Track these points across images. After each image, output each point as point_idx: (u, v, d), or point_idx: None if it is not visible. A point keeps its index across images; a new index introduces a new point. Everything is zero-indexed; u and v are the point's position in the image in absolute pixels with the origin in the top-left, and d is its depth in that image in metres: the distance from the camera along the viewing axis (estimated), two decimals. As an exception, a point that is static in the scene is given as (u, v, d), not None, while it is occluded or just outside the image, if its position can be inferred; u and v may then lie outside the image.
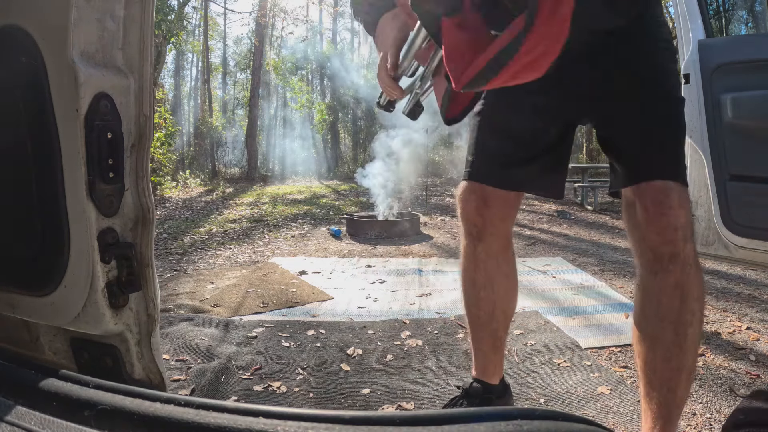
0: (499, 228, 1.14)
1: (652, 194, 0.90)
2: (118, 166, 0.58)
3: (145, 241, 0.61)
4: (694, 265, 0.92)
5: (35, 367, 0.47)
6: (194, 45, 17.34)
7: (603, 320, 2.14)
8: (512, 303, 1.21)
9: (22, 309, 0.63)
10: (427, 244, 4.38)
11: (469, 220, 1.14)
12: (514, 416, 0.31)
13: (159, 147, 8.37)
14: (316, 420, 0.33)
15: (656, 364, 0.94)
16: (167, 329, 1.98)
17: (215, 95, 19.50)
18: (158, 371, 0.64)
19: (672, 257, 0.89)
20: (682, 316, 0.90)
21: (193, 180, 11.42)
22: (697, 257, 0.94)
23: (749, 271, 2.98)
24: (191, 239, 4.73)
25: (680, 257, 0.89)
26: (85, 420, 0.38)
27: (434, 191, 9.01)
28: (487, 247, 1.14)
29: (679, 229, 0.89)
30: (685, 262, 0.90)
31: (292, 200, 8.14)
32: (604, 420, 1.32)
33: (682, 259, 0.90)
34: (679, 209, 0.89)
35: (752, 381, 1.53)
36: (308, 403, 1.45)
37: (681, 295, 0.90)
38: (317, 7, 18.72)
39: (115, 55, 0.58)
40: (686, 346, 0.91)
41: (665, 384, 0.93)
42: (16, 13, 0.56)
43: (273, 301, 2.49)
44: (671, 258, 0.90)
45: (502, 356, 1.24)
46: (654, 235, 0.90)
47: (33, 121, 0.57)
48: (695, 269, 0.92)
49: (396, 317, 2.23)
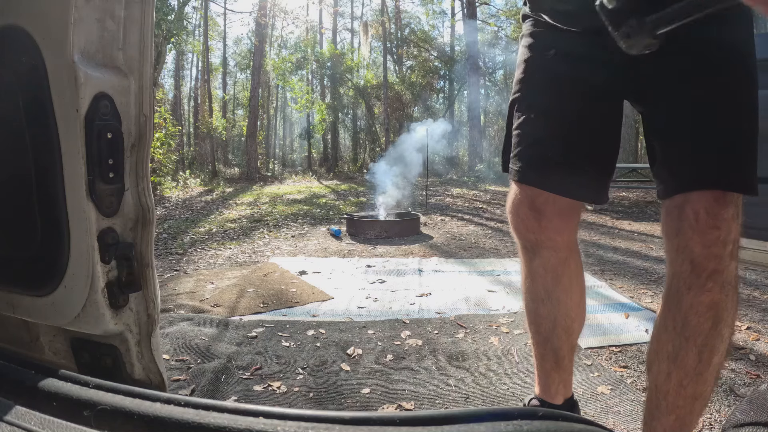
0: (556, 241, 0.99)
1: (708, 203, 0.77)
2: (118, 166, 0.58)
3: (145, 241, 0.61)
4: (734, 286, 0.81)
5: (35, 367, 0.47)
6: (194, 45, 17.33)
7: (603, 320, 2.14)
8: (577, 321, 1.06)
9: (22, 309, 0.63)
10: (427, 244, 4.38)
11: (520, 232, 1.01)
12: (514, 416, 0.31)
13: (159, 147, 8.37)
14: (316, 420, 0.33)
15: (669, 387, 0.83)
16: (167, 329, 1.98)
17: (215, 95, 19.50)
18: (158, 371, 0.64)
19: (712, 274, 0.78)
20: (710, 341, 0.80)
21: (193, 180, 11.43)
22: (738, 278, 0.82)
23: (749, 271, 2.98)
24: (191, 239, 4.73)
25: (722, 275, 0.79)
26: (85, 420, 0.38)
27: (434, 191, 9.02)
28: (545, 261, 1.01)
29: (729, 245, 0.78)
30: (726, 281, 0.79)
31: (292, 200, 8.14)
32: (604, 420, 1.32)
33: (724, 278, 0.79)
34: (733, 223, 0.78)
35: (752, 381, 1.53)
36: (308, 403, 1.45)
37: (714, 317, 0.79)
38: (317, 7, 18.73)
39: (115, 55, 0.58)
40: (707, 374, 0.81)
41: (674, 411, 0.83)
42: (16, 13, 0.56)
43: (273, 301, 2.49)
44: (712, 275, 0.78)
45: (569, 375, 1.11)
46: (699, 247, 0.78)
47: (33, 121, 0.57)
48: (734, 291, 0.81)
49: (396, 317, 2.23)
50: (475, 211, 6.91)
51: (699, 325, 0.80)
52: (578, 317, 1.07)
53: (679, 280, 0.82)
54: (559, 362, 1.07)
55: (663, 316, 0.86)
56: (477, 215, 6.45)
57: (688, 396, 0.82)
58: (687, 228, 0.79)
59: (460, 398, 1.46)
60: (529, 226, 0.98)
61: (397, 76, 17.27)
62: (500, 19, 17.53)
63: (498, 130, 18.24)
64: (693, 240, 0.78)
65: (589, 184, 0.96)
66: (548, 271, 1.01)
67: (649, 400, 0.89)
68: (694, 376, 0.81)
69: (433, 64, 17.50)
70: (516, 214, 1.00)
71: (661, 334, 0.86)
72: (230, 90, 22.64)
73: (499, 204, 7.49)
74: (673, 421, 0.83)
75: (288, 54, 17.73)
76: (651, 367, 0.88)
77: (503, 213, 6.64)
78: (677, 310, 0.82)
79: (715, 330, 0.80)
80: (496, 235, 4.94)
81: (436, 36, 18.96)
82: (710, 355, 0.80)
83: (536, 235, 0.98)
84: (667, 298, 0.86)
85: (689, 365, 0.81)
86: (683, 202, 0.80)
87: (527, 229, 0.99)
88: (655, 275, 3.03)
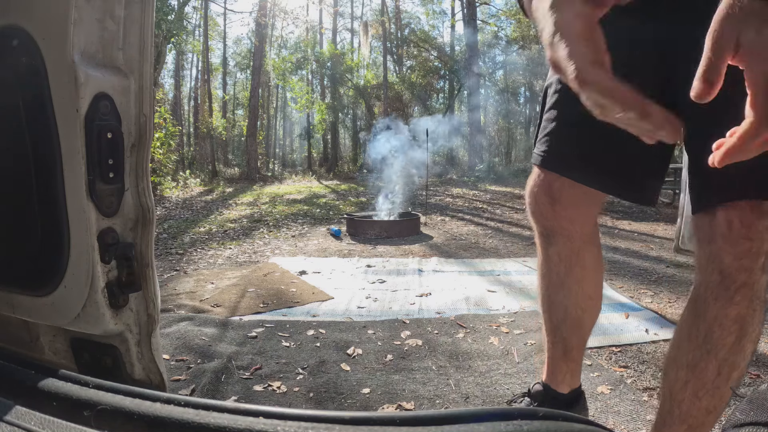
0: (569, 230, 0.98)
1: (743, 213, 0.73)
2: (118, 166, 0.58)
3: (145, 241, 0.61)
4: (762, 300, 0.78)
5: (35, 367, 0.47)
6: (194, 45, 17.33)
7: (603, 320, 2.13)
8: (588, 313, 1.05)
9: (22, 309, 0.63)
10: (427, 244, 4.38)
11: (536, 217, 1.00)
12: (515, 416, 0.31)
13: (159, 147, 8.37)
14: (316, 420, 0.33)
15: (684, 396, 0.81)
16: (167, 329, 1.98)
17: (215, 95, 19.51)
18: (158, 371, 0.64)
19: (742, 287, 0.75)
20: (733, 356, 0.77)
21: (193, 180, 11.43)
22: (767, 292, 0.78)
23: (749, 271, 2.98)
24: (191, 239, 4.73)
25: (752, 289, 0.75)
26: (85, 420, 0.38)
27: (434, 191, 9.02)
28: (559, 249, 1.00)
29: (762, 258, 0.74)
30: (755, 295, 0.76)
31: (292, 200, 8.15)
32: (604, 420, 1.32)
33: (753, 292, 0.75)
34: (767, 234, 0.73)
35: (752, 381, 1.53)
36: (308, 403, 1.45)
37: (739, 331, 0.77)
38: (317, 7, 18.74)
39: (115, 55, 0.58)
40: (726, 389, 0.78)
41: (686, 421, 0.81)
42: (16, 13, 0.56)
43: (273, 301, 2.49)
44: (741, 287, 0.75)
45: (577, 366, 1.11)
46: (730, 258, 0.75)
47: (33, 121, 0.57)
48: (761, 306, 0.78)
49: (396, 317, 2.23)
50: (475, 211, 6.91)
51: (722, 338, 0.77)
52: (589, 310, 1.06)
53: (706, 290, 0.79)
54: (568, 353, 1.07)
55: (686, 323, 0.83)
56: (477, 215, 6.45)
57: (702, 408, 0.80)
58: (719, 237, 0.75)
59: (460, 398, 1.46)
60: (544, 212, 0.98)
61: (397, 76, 17.27)
62: (500, 19, 17.52)
63: (498, 130, 18.25)
64: (724, 250, 0.75)
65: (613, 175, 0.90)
66: (562, 259, 1.01)
67: (662, 406, 0.87)
68: (712, 389, 0.78)
69: (433, 64, 17.50)
70: (533, 199, 0.99)
71: (682, 342, 0.83)
72: (230, 90, 22.64)
73: (499, 204, 7.50)
74: (684, 430, 0.82)
75: (288, 54, 17.74)
76: (668, 373, 0.86)
77: (503, 213, 6.65)
78: (702, 320, 0.79)
79: (739, 345, 0.77)
80: (496, 235, 4.94)
81: (436, 36, 18.98)
82: (730, 370, 0.78)
83: (550, 222, 0.98)
84: (691, 306, 0.83)
85: (708, 378, 0.78)
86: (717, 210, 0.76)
87: (542, 214, 0.98)
88: (655, 275, 3.03)
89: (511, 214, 6.55)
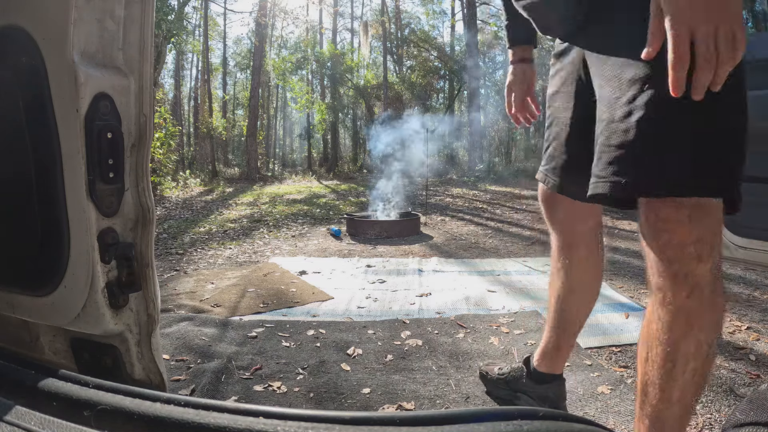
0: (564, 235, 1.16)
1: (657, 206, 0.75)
2: (118, 166, 0.58)
3: (145, 241, 0.61)
4: (709, 289, 0.75)
5: (35, 367, 0.47)
6: (194, 45, 17.32)
7: (603, 320, 2.13)
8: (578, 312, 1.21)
9: (22, 309, 0.63)
10: (427, 244, 4.38)
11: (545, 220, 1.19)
12: (515, 416, 0.31)
13: (159, 147, 8.37)
14: (316, 420, 0.33)
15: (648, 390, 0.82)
16: (167, 329, 1.98)
17: (215, 95, 19.51)
18: (158, 371, 0.64)
19: (673, 278, 0.75)
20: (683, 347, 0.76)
21: (193, 180, 11.43)
22: (716, 280, 0.76)
23: (749, 271, 2.98)
24: (191, 239, 4.72)
25: (688, 279, 0.74)
26: (85, 420, 0.38)
27: (434, 191, 9.02)
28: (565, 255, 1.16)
29: (688, 246, 0.73)
30: (694, 285, 0.74)
31: (292, 200, 8.14)
32: (604, 420, 1.32)
33: (690, 282, 0.74)
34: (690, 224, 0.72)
35: (752, 381, 1.53)
36: (308, 403, 1.45)
37: (685, 321, 0.76)
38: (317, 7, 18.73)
39: (115, 55, 0.58)
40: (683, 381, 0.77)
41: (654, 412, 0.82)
42: (16, 13, 0.56)
43: (273, 301, 2.49)
44: (675, 279, 0.75)
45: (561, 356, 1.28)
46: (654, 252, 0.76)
47: (33, 121, 0.57)
48: (710, 294, 0.75)
49: (396, 317, 2.23)
50: (475, 211, 6.91)
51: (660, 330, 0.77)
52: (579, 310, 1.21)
53: (650, 285, 0.81)
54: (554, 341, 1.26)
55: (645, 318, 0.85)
56: (477, 215, 6.45)
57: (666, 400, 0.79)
58: (642, 233, 0.78)
59: (460, 398, 1.46)
60: (545, 217, 1.18)
61: (397, 76, 17.27)
62: (500, 19, 17.50)
63: (497, 130, 18.23)
64: (648, 245, 0.78)
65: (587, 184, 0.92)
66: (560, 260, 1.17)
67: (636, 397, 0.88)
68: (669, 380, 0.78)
69: (433, 64, 17.50)
70: (542, 208, 1.19)
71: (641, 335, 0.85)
72: (230, 90, 22.65)
73: (499, 204, 7.50)
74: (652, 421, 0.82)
75: (288, 54, 17.72)
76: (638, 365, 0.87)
77: (503, 213, 6.65)
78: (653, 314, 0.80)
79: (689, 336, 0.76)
80: (496, 235, 4.94)
81: (436, 36, 18.98)
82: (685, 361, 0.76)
83: (549, 226, 1.17)
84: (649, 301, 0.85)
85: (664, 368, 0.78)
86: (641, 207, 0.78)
87: (545, 218, 1.18)
88: (655, 275, 3.03)
89: (511, 214, 6.55)
